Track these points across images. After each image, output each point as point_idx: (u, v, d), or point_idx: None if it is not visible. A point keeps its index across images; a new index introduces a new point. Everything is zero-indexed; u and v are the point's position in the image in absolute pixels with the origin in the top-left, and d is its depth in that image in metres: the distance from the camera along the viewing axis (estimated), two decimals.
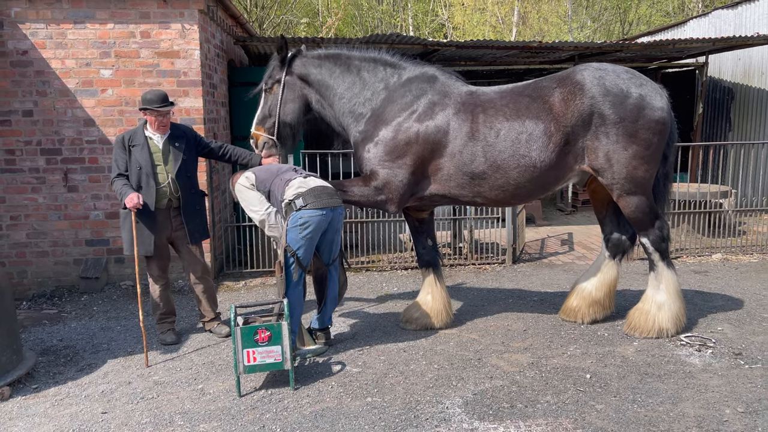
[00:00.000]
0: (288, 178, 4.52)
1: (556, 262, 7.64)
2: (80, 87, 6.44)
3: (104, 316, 5.81)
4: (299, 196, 4.36)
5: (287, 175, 4.56)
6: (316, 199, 4.36)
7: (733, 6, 11.92)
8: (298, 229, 4.32)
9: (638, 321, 4.90)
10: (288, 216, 4.37)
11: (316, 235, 4.43)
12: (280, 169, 4.68)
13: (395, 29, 26.59)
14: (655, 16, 27.01)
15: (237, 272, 7.15)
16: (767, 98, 10.90)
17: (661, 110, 4.58)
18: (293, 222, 4.33)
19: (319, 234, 4.45)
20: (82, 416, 3.85)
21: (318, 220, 4.36)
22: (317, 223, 4.37)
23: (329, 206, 4.41)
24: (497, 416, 3.69)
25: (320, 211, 4.36)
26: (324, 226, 4.44)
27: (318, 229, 4.41)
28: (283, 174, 4.58)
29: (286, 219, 4.39)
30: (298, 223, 4.32)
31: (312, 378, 4.30)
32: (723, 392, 3.93)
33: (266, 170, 4.67)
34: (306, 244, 4.39)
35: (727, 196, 8.52)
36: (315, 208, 4.34)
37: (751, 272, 6.86)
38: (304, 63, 5.00)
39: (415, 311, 5.22)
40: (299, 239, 4.34)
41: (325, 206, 4.38)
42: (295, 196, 4.36)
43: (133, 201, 4.63)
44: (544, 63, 10.98)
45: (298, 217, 4.32)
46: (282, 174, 4.58)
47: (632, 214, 4.75)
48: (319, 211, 4.36)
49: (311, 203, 4.33)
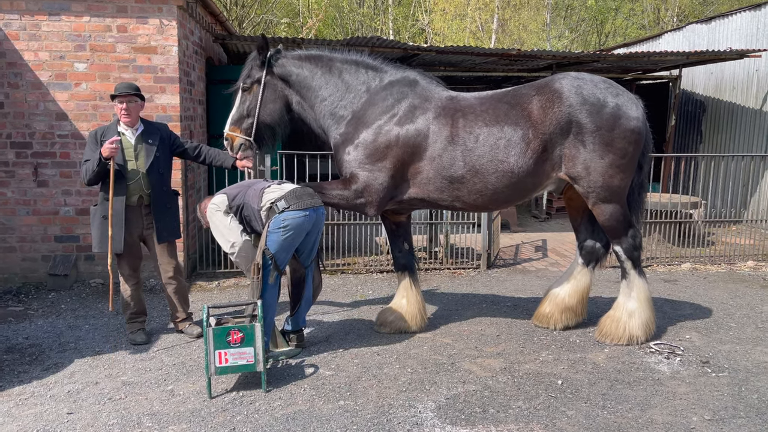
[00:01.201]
0: (262, 186, 4.49)
1: (529, 268, 7.70)
2: (53, 80, 6.31)
3: (72, 314, 5.69)
4: (281, 198, 4.32)
5: (260, 185, 4.53)
6: (299, 201, 4.34)
7: (707, 21, 12.20)
8: (280, 231, 4.28)
9: (610, 328, 4.96)
10: (270, 219, 4.32)
11: (299, 237, 4.40)
12: (251, 183, 4.65)
13: (376, 32, 26.62)
14: (630, 29, 27.50)
15: (210, 272, 7.06)
16: (738, 112, 11.17)
17: (637, 120, 4.65)
18: (275, 225, 4.28)
19: (302, 236, 4.42)
20: (47, 416, 3.76)
21: (301, 221, 4.33)
22: (300, 225, 4.34)
23: (312, 206, 4.40)
24: (469, 421, 3.70)
25: (303, 212, 4.34)
26: (308, 227, 4.41)
27: (301, 231, 4.38)
28: (255, 185, 4.55)
29: (267, 223, 4.34)
30: (280, 226, 4.28)
31: (284, 380, 4.26)
32: (690, 399, 4.00)
33: (236, 186, 4.64)
34: (287, 246, 4.36)
35: (697, 207, 8.70)
36: (298, 209, 4.31)
37: (718, 282, 7.00)
38: (285, 63, 4.96)
39: (390, 314, 5.21)
40: (280, 242, 4.30)
41: (307, 207, 4.37)
42: (277, 199, 4.32)
43: (109, 147, 4.53)
44: (522, 71, 11.09)
45: (281, 219, 4.28)
46: (254, 185, 4.55)
47: (606, 222, 4.81)
48: (303, 212, 4.33)
49: (294, 204, 4.31)
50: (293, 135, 5.38)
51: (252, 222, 4.48)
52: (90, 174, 4.67)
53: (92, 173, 4.66)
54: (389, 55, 8.89)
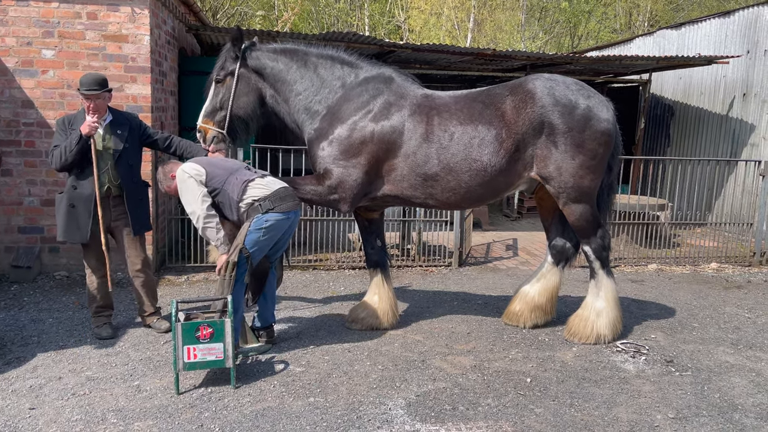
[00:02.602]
0: (245, 178, 4.38)
1: (500, 266, 7.77)
2: (19, 66, 6.13)
3: (35, 307, 5.54)
4: (266, 198, 4.28)
5: (243, 175, 4.41)
6: (282, 203, 4.32)
7: (677, 27, 12.44)
8: (261, 231, 4.25)
9: (578, 327, 5.03)
10: (251, 217, 4.26)
11: (276, 237, 4.38)
12: (233, 167, 4.49)
13: (351, 28, 26.54)
14: (603, 32, 27.92)
15: (179, 266, 6.96)
16: (705, 117, 11.43)
17: (607, 122, 4.72)
18: (258, 224, 4.24)
19: (279, 236, 4.40)
20: (8, 411, 3.66)
21: (282, 223, 4.33)
22: (281, 227, 4.34)
23: (293, 209, 4.39)
24: (439, 418, 3.71)
25: (285, 215, 4.33)
26: (285, 227, 4.39)
27: (279, 232, 4.37)
28: (238, 173, 4.41)
29: (248, 221, 4.27)
30: (263, 226, 4.24)
31: (254, 377, 4.22)
32: (655, 398, 4.08)
33: (217, 166, 4.45)
34: (264, 246, 4.33)
35: (663, 209, 8.88)
36: (281, 212, 4.29)
37: (683, 283, 7.16)
38: (260, 56, 4.90)
39: (361, 311, 5.20)
40: (259, 241, 4.27)
41: (289, 209, 4.35)
42: (262, 198, 4.28)
43: (90, 124, 4.44)
44: (497, 71, 11.16)
45: (263, 219, 4.24)
46: (237, 173, 4.41)
47: (576, 222, 4.88)
48: (285, 214, 4.32)
49: (278, 207, 4.29)
50: (267, 129, 5.32)
51: (224, 209, 4.40)
52: (67, 154, 4.50)
53: (71, 153, 4.50)
54: (365, 51, 8.86)
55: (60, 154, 4.55)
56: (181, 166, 4.42)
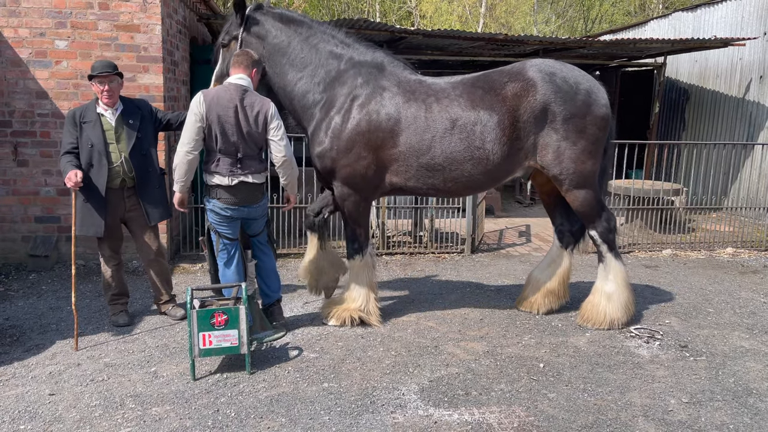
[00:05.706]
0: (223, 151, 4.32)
1: (513, 253, 7.76)
2: (33, 57, 6.18)
3: (53, 295, 5.63)
4: (218, 187, 4.35)
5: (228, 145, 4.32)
6: (231, 197, 4.37)
7: (693, 9, 12.25)
8: (211, 213, 4.44)
9: (590, 313, 5.02)
10: (207, 195, 4.46)
11: (232, 222, 4.47)
12: (228, 118, 4.30)
13: (362, 14, 26.40)
14: (617, 15, 27.56)
15: (194, 254, 7.02)
16: (721, 100, 11.27)
17: (605, 106, 4.74)
18: (208, 206, 4.45)
19: (236, 221, 4.50)
20: (29, 397, 3.74)
21: (229, 213, 4.41)
22: (228, 216, 4.43)
23: (244, 204, 4.43)
24: (452, 403, 3.74)
25: (230, 208, 4.39)
26: (237, 216, 4.47)
27: (231, 219, 4.46)
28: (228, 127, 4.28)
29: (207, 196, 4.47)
30: (210, 209, 4.44)
31: (268, 363, 4.27)
32: (669, 383, 4.07)
33: (221, 106, 4.29)
34: (222, 225, 4.45)
35: (678, 194, 8.80)
36: (226, 204, 4.37)
37: (698, 268, 7.11)
38: (263, 21, 4.84)
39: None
40: (216, 220, 4.44)
41: (239, 204, 4.40)
42: (216, 186, 4.36)
43: (72, 180, 4.45)
44: (509, 56, 11.07)
45: (210, 204, 4.43)
46: (226, 122, 4.28)
47: (580, 207, 4.85)
48: (229, 208, 4.39)
49: (224, 199, 4.37)
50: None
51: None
52: (63, 175, 4.59)
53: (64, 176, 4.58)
54: (376, 38, 8.82)
55: (62, 169, 4.62)
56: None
